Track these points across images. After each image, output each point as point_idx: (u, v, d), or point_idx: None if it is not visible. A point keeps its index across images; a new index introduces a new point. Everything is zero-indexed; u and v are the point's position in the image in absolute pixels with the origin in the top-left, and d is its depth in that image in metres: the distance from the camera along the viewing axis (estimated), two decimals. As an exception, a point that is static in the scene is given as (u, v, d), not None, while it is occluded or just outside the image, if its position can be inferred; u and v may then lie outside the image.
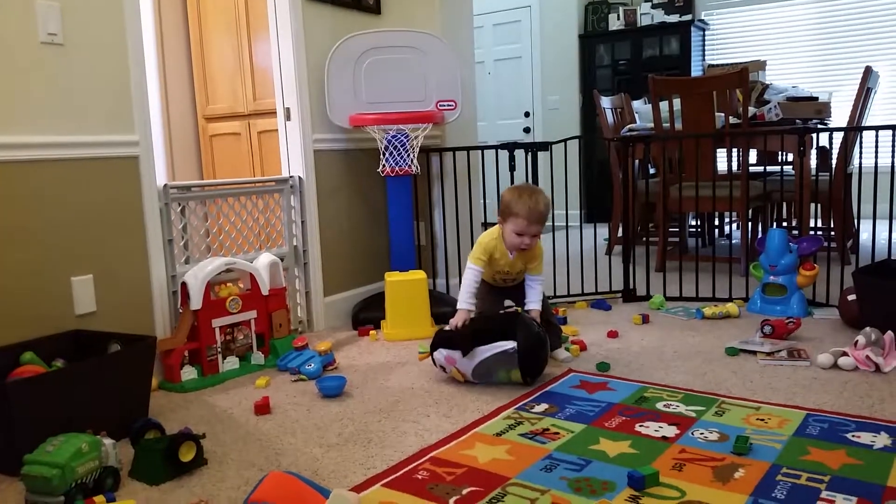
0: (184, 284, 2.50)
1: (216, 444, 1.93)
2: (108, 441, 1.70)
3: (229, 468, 1.78)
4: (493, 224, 2.51)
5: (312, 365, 2.49)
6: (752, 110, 4.03)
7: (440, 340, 2.38)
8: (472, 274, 2.44)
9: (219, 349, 2.54)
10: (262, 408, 2.16)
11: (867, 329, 2.39)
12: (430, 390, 2.31)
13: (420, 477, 1.67)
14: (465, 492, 1.58)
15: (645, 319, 3.06)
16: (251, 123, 4.19)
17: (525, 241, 2.38)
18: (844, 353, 2.36)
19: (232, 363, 2.57)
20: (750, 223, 4.14)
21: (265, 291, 2.68)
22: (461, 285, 2.45)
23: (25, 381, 1.81)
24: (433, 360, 2.40)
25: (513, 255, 2.45)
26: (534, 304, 2.47)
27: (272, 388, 2.40)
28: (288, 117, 3.11)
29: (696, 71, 6.30)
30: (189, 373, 2.45)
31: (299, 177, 3.11)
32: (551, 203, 2.56)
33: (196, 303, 2.46)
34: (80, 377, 1.89)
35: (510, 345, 2.23)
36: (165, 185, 2.58)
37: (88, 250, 2.32)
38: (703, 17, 6.52)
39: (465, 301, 2.42)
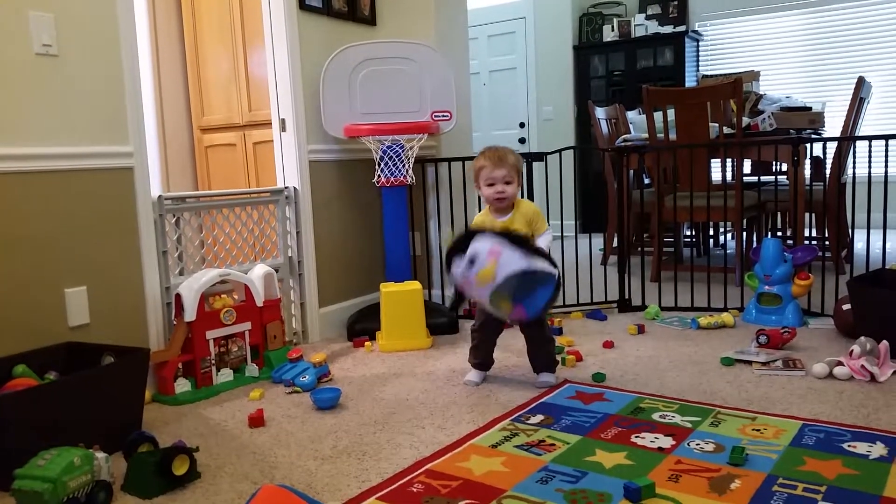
0: (178, 296, 2.49)
1: (210, 457, 1.92)
2: (100, 455, 1.68)
3: (223, 481, 1.77)
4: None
5: (307, 377, 2.48)
6: (746, 120, 4.04)
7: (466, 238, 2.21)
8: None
9: (213, 361, 2.52)
10: (257, 420, 2.14)
11: (862, 338, 2.39)
12: (426, 402, 2.30)
13: (415, 490, 1.66)
14: (460, 504, 1.58)
15: (640, 330, 3.06)
16: (246, 134, 4.19)
17: (498, 188, 2.36)
18: (840, 363, 2.36)
19: (226, 375, 2.56)
20: (745, 233, 4.15)
21: (260, 303, 2.67)
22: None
23: (17, 394, 1.80)
24: (451, 273, 2.23)
25: (502, 218, 2.40)
26: (539, 242, 2.35)
27: (266, 401, 2.39)
28: (283, 128, 3.12)
29: (690, 82, 6.33)
30: (183, 385, 2.44)
31: (294, 187, 3.11)
32: (521, 162, 2.48)
33: (190, 314, 2.45)
34: (73, 390, 1.88)
35: (550, 268, 2.16)
36: (160, 197, 2.57)
37: (82, 262, 2.31)
38: (696, 28, 6.56)
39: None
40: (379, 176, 3.12)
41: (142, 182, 2.48)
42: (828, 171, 4.02)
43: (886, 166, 2.94)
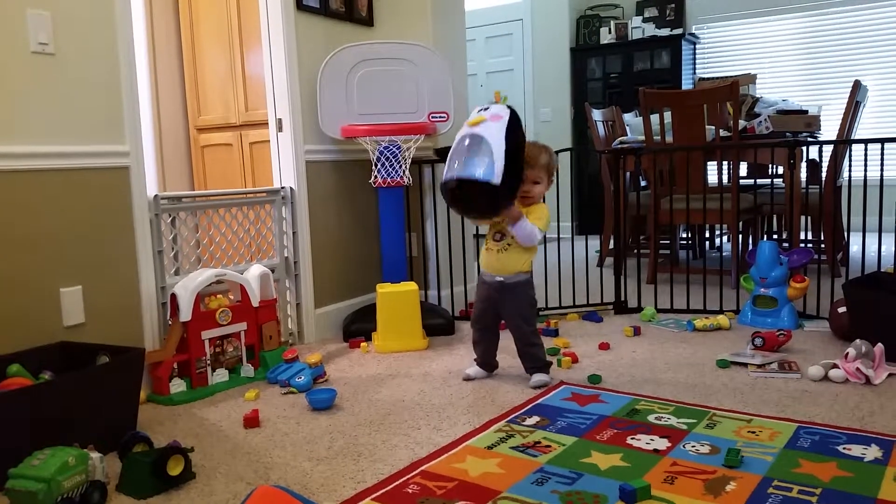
0: (173, 296, 2.48)
1: (204, 457, 1.91)
2: (95, 454, 1.68)
3: (218, 482, 1.76)
4: (484, 236, 2.50)
5: (302, 377, 2.48)
6: (742, 123, 4.05)
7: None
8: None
9: (208, 361, 2.52)
10: (252, 421, 2.14)
11: (857, 341, 2.40)
12: (421, 403, 2.30)
13: (410, 491, 1.66)
14: (455, 506, 1.57)
15: (636, 331, 3.06)
16: (243, 134, 4.18)
17: (524, 187, 2.32)
18: (835, 366, 2.36)
19: (221, 375, 2.55)
20: (740, 235, 4.16)
21: (255, 303, 2.67)
22: None
23: (11, 394, 1.79)
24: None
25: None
26: (523, 220, 2.35)
27: (262, 401, 2.39)
28: (280, 128, 3.11)
29: (686, 84, 6.34)
30: (178, 385, 2.43)
31: (291, 188, 3.10)
32: (555, 161, 2.47)
33: (186, 314, 2.44)
34: (68, 390, 1.87)
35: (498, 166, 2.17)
36: (156, 196, 2.56)
37: (77, 261, 2.30)
38: (693, 31, 6.57)
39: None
40: (375, 177, 3.12)
41: (138, 181, 2.47)
42: (824, 175, 4.03)
43: (882, 169, 2.95)
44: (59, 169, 2.25)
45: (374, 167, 3.12)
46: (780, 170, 4.27)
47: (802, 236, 4.18)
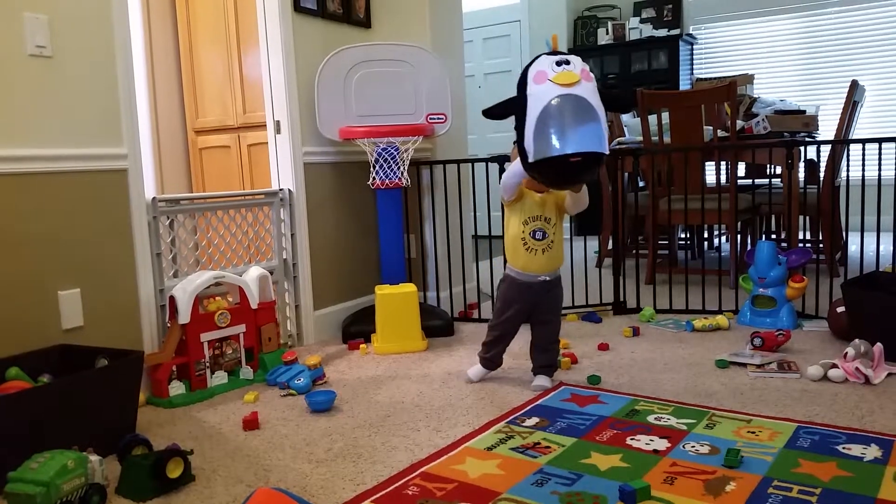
0: (172, 298, 2.48)
1: (204, 460, 1.91)
2: (94, 457, 1.67)
3: (217, 484, 1.76)
4: (484, 236, 2.49)
5: (302, 379, 2.47)
6: (740, 123, 4.05)
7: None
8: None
9: (207, 364, 2.52)
10: (251, 423, 2.14)
11: (856, 341, 2.40)
12: (421, 405, 2.30)
13: (410, 492, 1.66)
14: (455, 507, 1.57)
15: (635, 332, 3.06)
16: (241, 136, 4.18)
17: None
18: (834, 365, 2.36)
19: (220, 378, 2.55)
20: (739, 236, 4.16)
21: (254, 305, 2.67)
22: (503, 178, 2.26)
23: (10, 397, 1.78)
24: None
25: (539, 195, 2.30)
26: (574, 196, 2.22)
27: (261, 403, 2.38)
28: (278, 130, 3.11)
29: (684, 85, 6.35)
30: (177, 388, 2.43)
31: (289, 190, 3.10)
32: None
33: (184, 317, 2.44)
34: (67, 393, 1.87)
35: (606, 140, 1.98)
36: (154, 199, 2.56)
37: (76, 264, 2.30)
38: (691, 32, 6.58)
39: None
40: (374, 178, 3.12)
41: (136, 184, 2.47)
42: (822, 174, 4.03)
43: (879, 169, 2.95)
44: (56, 172, 2.25)
45: (372, 169, 3.12)
46: (779, 170, 4.28)
47: (801, 236, 4.18)
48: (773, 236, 4.94)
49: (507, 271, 2.39)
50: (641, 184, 4.73)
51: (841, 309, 2.77)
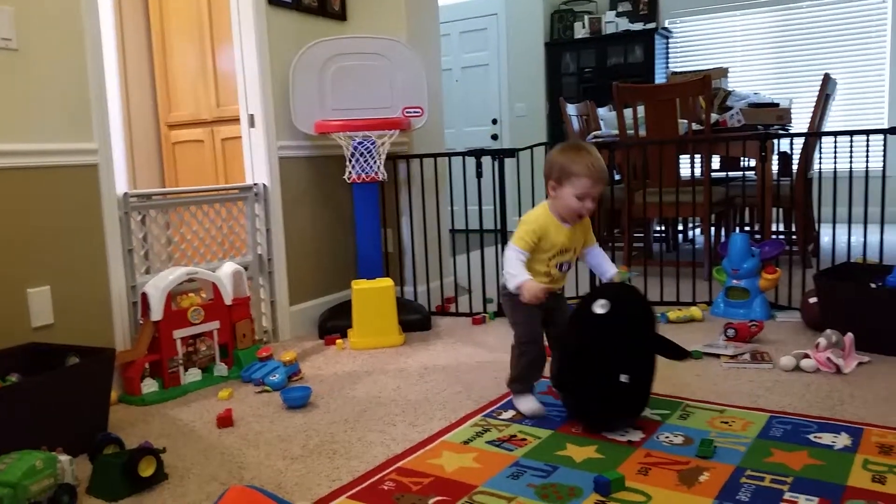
0: (144, 295, 2.45)
1: (177, 458, 1.89)
2: (63, 457, 1.65)
3: (190, 483, 1.74)
4: (461, 231, 2.48)
5: (277, 376, 2.46)
6: (714, 117, 4.08)
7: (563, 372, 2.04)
8: (517, 254, 2.07)
9: (180, 361, 2.49)
10: (225, 420, 2.12)
11: (828, 331, 2.43)
12: (397, 399, 2.29)
13: (386, 488, 1.65)
14: (431, 502, 1.57)
15: (611, 324, 3.07)
16: (214, 130, 4.13)
17: (587, 204, 2.06)
18: (806, 356, 2.39)
19: (194, 375, 2.52)
20: (713, 228, 4.19)
21: (228, 301, 2.64)
22: (507, 265, 2.08)
23: (-23, 397, 1.75)
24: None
25: (569, 226, 2.13)
26: (613, 267, 2.20)
27: (235, 400, 2.36)
28: (252, 124, 3.08)
29: (659, 78, 6.38)
30: (150, 385, 2.40)
31: (264, 184, 3.07)
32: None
33: (157, 314, 2.41)
34: (36, 392, 1.84)
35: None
36: (125, 194, 2.52)
37: (45, 261, 2.26)
38: (666, 25, 6.61)
39: (524, 273, 2.06)
40: (350, 172, 3.10)
41: (107, 179, 2.43)
42: (795, 167, 4.08)
43: (851, 161, 2.99)
44: (25, 167, 2.21)
45: (348, 163, 3.10)
46: (752, 162, 4.32)
47: (774, 228, 4.23)
48: (747, 228, 4.99)
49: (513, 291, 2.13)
50: (617, 177, 4.75)
51: (813, 299, 2.81)
